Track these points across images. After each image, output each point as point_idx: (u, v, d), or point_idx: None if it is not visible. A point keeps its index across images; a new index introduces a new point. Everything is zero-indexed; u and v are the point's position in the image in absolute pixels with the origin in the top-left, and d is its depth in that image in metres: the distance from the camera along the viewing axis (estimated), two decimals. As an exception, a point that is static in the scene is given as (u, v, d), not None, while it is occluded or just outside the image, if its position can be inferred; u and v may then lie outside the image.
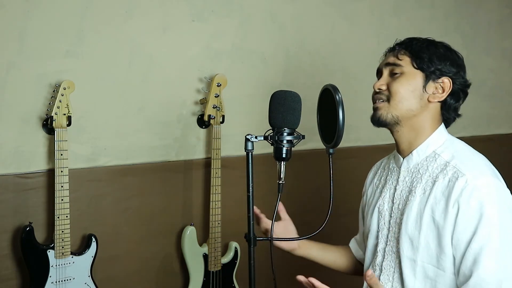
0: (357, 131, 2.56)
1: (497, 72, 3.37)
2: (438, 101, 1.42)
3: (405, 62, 1.42)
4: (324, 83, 1.43)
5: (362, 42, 2.80)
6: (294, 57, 2.65)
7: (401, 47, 1.45)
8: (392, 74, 1.44)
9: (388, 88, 1.43)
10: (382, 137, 1.49)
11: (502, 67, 3.39)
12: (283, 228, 1.65)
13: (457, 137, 1.47)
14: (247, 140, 1.39)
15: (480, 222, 1.26)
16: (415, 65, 1.41)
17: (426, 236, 1.35)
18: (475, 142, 1.73)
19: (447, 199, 1.31)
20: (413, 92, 1.41)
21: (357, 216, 1.78)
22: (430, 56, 1.41)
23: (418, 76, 1.41)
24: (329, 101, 1.37)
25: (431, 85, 1.41)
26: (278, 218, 1.63)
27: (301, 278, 1.36)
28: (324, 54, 2.74)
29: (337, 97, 1.34)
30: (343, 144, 1.39)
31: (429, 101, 1.42)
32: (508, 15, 3.38)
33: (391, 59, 1.45)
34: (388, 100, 1.43)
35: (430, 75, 1.41)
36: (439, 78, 1.41)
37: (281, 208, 1.65)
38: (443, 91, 1.41)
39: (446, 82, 1.41)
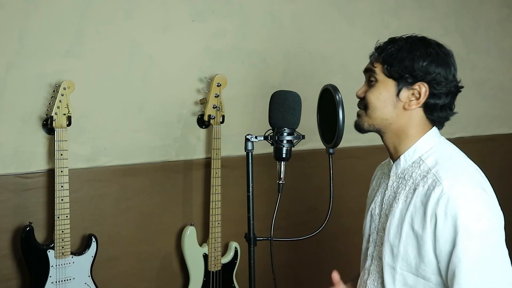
0: (357, 131, 2.56)
1: (497, 72, 3.37)
2: (418, 107, 1.35)
3: (378, 70, 1.37)
4: (324, 83, 1.43)
5: (362, 42, 2.80)
6: (294, 57, 2.65)
7: (377, 51, 1.40)
8: (370, 82, 1.40)
9: (365, 97, 1.40)
10: (382, 137, 1.49)
11: (502, 67, 3.39)
12: None
13: (457, 137, 1.45)
14: (247, 140, 1.39)
15: (458, 234, 1.21)
16: (386, 73, 1.36)
17: (405, 245, 1.31)
18: (475, 142, 1.74)
19: (425, 209, 1.27)
20: (385, 102, 1.35)
21: (357, 216, 1.77)
22: (402, 61, 1.33)
23: (390, 84, 1.35)
24: (329, 101, 1.37)
25: (405, 93, 1.34)
26: None
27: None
28: (324, 54, 2.74)
29: (337, 97, 1.33)
30: (343, 144, 1.39)
31: (405, 109, 1.35)
32: (508, 15, 3.38)
33: (368, 65, 1.42)
34: (366, 109, 1.40)
35: (403, 83, 1.33)
36: (413, 84, 1.33)
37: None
38: (420, 97, 1.33)
39: (422, 88, 1.33)
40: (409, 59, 1.33)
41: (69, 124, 2.01)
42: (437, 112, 1.36)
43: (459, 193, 1.23)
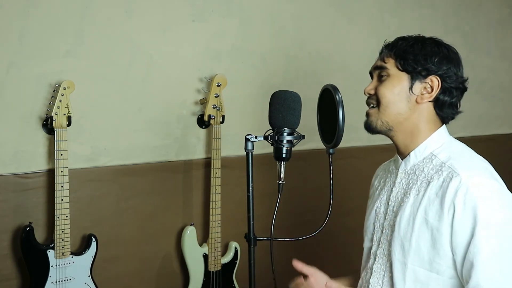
0: (357, 131, 2.55)
1: (497, 72, 3.37)
2: (429, 101, 1.38)
3: (390, 65, 1.39)
4: (324, 83, 1.43)
5: (362, 42, 2.81)
6: (294, 57, 2.65)
7: (388, 49, 1.42)
8: (380, 77, 1.41)
9: (376, 93, 1.41)
10: (382, 137, 1.49)
11: (502, 67, 3.39)
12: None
13: (457, 137, 1.46)
14: (247, 140, 1.39)
15: (477, 224, 1.22)
16: (399, 67, 1.38)
17: (417, 239, 1.32)
18: (475, 142, 1.74)
19: (441, 200, 1.28)
20: (399, 95, 1.37)
21: (358, 215, 1.77)
22: (415, 55, 1.36)
23: (404, 78, 1.37)
24: (329, 101, 1.37)
25: (418, 86, 1.37)
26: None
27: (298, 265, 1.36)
28: (324, 54, 2.74)
29: (337, 97, 1.33)
30: (343, 144, 1.39)
31: (417, 102, 1.37)
32: (508, 15, 3.38)
33: (378, 63, 1.43)
34: (378, 105, 1.40)
35: (416, 76, 1.36)
36: (426, 77, 1.36)
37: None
38: (432, 90, 1.36)
39: (434, 81, 1.36)
40: (422, 53, 1.36)
41: (69, 124, 2.01)
42: (446, 109, 1.39)
43: (477, 184, 1.25)
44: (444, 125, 1.43)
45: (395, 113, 1.38)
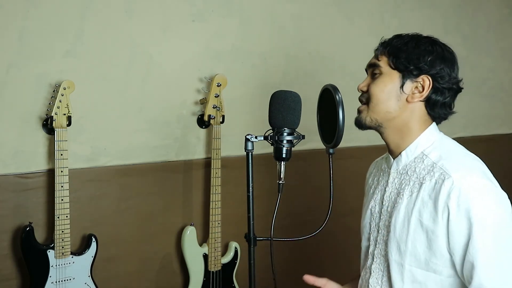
0: (357, 131, 2.56)
1: (497, 72, 3.37)
2: (420, 101, 1.37)
3: (383, 63, 1.38)
4: (324, 83, 1.43)
5: (362, 42, 2.80)
6: (294, 57, 2.65)
7: (382, 46, 1.41)
8: (373, 75, 1.41)
9: (368, 90, 1.40)
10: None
11: (501, 67, 3.39)
12: None
13: (457, 137, 1.45)
14: (247, 140, 1.39)
15: (472, 225, 1.22)
16: (392, 65, 1.37)
17: (413, 240, 1.32)
18: (475, 142, 1.75)
19: (435, 202, 1.27)
20: (389, 94, 1.36)
21: (358, 215, 1.77)
22: (408, 54, 1.35)
23: (395, 76, 1.36)
24: (329, 101, 1.37)
25: (409, 85, 1.35)
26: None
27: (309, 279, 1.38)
28: (324, 54, 2.74)
29: (337, 97, 1.33)
30: (343, 144, 1.39)
31: (408, 102, 1.36)
32: (507, 15, 3.38)
33: (372, 60, 1.43)
34: (368, 103, 1.40)
35: (407, 75, 1.35)
36: (418, 77, 1.35)
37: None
38: (423, 90, 1.35)
39: (426, 81, 1.34)
40: (415, 52, 1.35)
41: (69, 124, 2.01)
42: (438, 109, 1.38)
43: (470, 185, 1.25)
44: (434, 123, 1.41)
45: (384, 111, 1.38)
